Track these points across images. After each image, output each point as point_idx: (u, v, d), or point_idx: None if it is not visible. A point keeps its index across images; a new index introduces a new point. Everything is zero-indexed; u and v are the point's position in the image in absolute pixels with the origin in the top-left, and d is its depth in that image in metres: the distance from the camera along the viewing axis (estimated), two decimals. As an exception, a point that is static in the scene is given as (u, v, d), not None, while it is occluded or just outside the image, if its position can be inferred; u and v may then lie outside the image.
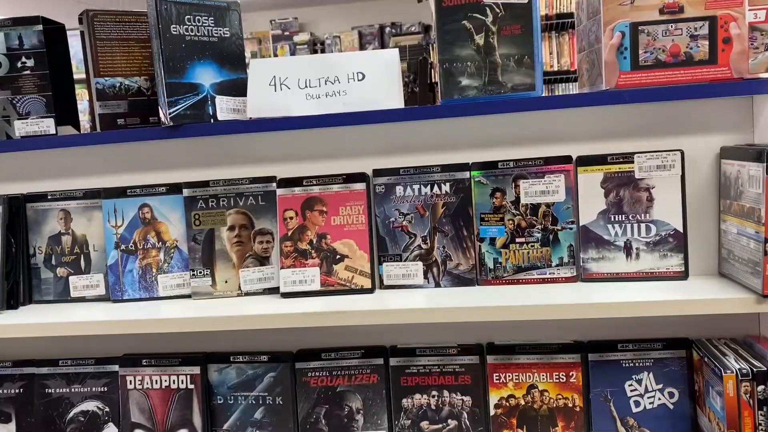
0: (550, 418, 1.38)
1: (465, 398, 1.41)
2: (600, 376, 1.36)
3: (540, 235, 1.37)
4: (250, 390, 1.46)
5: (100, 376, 1.50)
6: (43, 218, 1.52)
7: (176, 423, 1.47)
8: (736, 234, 1.24)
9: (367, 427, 1.44)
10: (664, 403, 1.35)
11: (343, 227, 1.41)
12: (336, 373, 1.45)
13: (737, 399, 1.13)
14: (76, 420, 1.49)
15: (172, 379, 1.47)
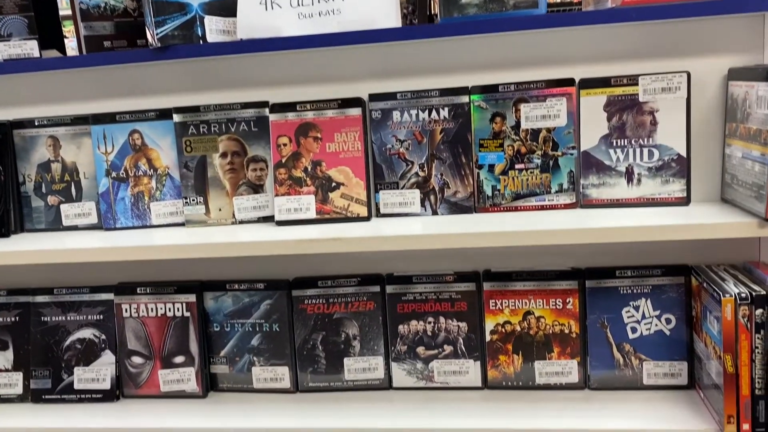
0: (545, 344, 1.38)
1: (461, 324, 1.41)
2: (597, 303, 1.36)
3: (540, 161, 1.34)
4: (247, 317, 1.46)
5: (95, 304, 1.50)
6: (32, 145, 1.49)
7: (173, 350, 1.47)
8: (741, 158, 1.21)
9: (363, 353, 1.44)
10: (660, 329, 1.35)
11: (339, 154, 1.37)
12: (332, 301, 1.45)
13: (735, 323, 1.12)
14: (73, 347, 1.50)
15: (168, 307, 1.47)
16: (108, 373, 1.48)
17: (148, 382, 1.48)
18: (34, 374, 1.50)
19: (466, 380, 1.42)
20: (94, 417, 1.42)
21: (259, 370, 1.47)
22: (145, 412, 1.42)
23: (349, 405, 1.40)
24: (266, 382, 1.47)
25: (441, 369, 1.42)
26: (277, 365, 1.46)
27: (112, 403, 1.48)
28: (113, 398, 1.48)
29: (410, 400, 1.40)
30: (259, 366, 1.47)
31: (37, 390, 1.50)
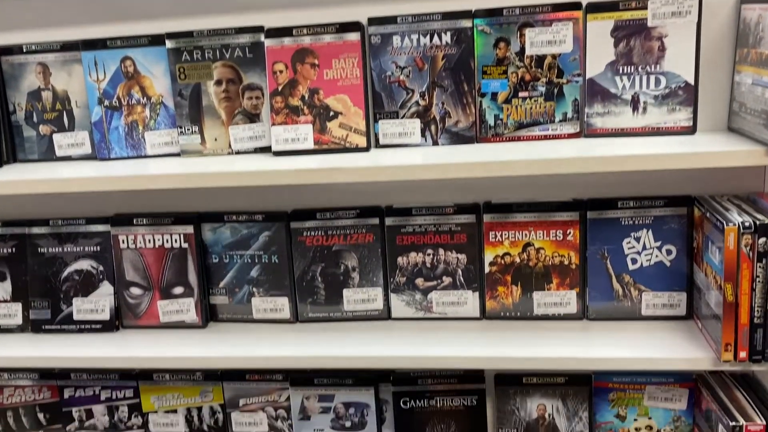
0: (545, 275, 1.38)
1: (460, 256, 1.41)
2: (598, 234, 1.35)
3: (544, 88, 1.30)
4: (245, 249, 1.45)
5: (92, 235, 1.48)
6: (20, 73, 1.44)
7: (171, 281, 1.47)
8: (751, 84, 1.18)
9: (362, 284, 1.44)
10: (661, 260, 1.34)
11: (337, 82, 1.34)
12: (331, 233, 1.43)
13: (737, 252, 1.12)
14: (71, 279, 1.49)
15: (165, 239, 1.46)
16: (107, 303, 1.48)
17: (148, 313, 1.49)
18: (32, 305, 1.50)
19: (464, 311, 1.42)
20: (94, 347, 1.42)
21: (258, 301, 1.47)
22: (145, 342, 1.43)
23: (349, 335, 1.40)
24: (266, 313, 1.47)
25: (440, 300, 1.42)
26: (277, 296, 1.46)
27: (112, 333, 1.49)
28: (113, 329, 1.49)
29: (409, 329, 1.41)
30: (258, 297, 1.47)
31: (37, 320, 1.50)
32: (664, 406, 1.41)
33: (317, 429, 1.53)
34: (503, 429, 1.45)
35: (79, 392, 1.60)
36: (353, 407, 1.51)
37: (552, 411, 1.43)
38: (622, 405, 1.42)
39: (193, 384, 1.56)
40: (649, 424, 1.42)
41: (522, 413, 1.44)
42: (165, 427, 1.59)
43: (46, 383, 1.61)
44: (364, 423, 1.52)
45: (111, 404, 1.59)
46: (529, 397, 1.43)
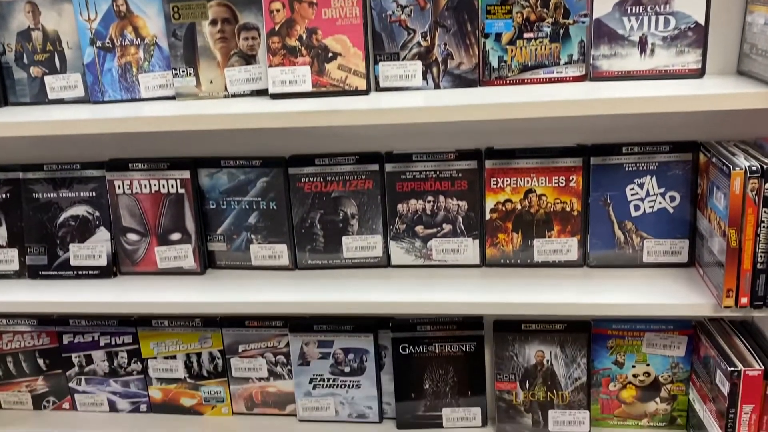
0: (546, 222, 1.37)
1: (461, 203, 1.39)
2: (601, 180, 1.33)
3: (549, 29, 1.26)
4: (243, 195, 1.43)
5: (87, 180, 1.46)
6: (8, 11, 1.39)
7: (169, 227, 1.45)
8: (763, 25, 1.14)
9: (362, 232, 1.43)
10: (664, 207, 1.33)
11: (335, 21, 1.29)
12: (330, 179, 1.41)
13: (742, 196, 1.10)
14: (67, 224, 1.47)
15: (162, 184, 1.44)
16: (104, 249, 1.47)
17: (145, 259, 1.48)
18: (29, 251, 1.49)
19: (464, 258, 1.41)
20: (92, 292, 1.42)
21: (257, 248, 1.46)
22: (143, 288, 1.42)
23: (348, 281, 1.39)
24: (264, 260, 1.46)
25: (439, 247, 1.41)
26: (275, 243, 1.45)
27: (109, 279, 1.48)
28: (110, 275, 1.48)
29: (408, 277, 1.40)
30: (257, 244, 1.45)
31: (34, 266, 1.49)
32: (662, 353, 1.41)
33: (316, 374, 1.54)
34: (501, 375, 1.46)
35: (78, 338, 1.60)
36: (352, 353, 1.52)
37: (550, 357, 1.43)
38: (621, 352, 1.43)
39: (192, 330, 1.56)
40: (647, 370, 1.43)
41: (520, 359, 1.45)
42: (164, 373, 1.60)
43: (45, 329, 1.61)
44: (363, 368, 1.52)
45: (110, 350, 1.60)
46: (528, 343, 1.44)
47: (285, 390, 1.58)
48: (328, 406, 1.55)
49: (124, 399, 1.63)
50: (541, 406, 1.46)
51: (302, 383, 1.55)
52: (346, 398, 1.55)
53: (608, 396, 1.46)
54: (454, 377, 1.50)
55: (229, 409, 1.61)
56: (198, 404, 1.61)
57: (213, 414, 1.61)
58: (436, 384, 1.50)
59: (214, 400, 1.60)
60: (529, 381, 1.45)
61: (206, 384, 1.59)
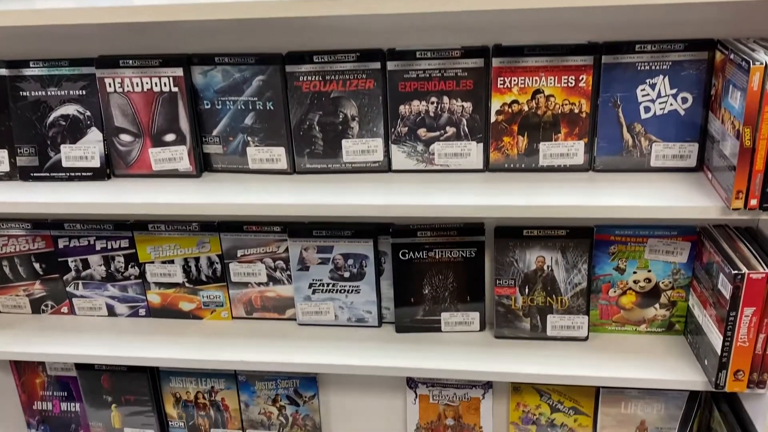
0: (553, 125, 1.32)
1: (465, 104, 1.34)
2: (612, 80, 1.28)
3: None
4: (239, 94, 1.38)
5: (76, 78, 1.40)
6: None
7: (162, 127, 1.41)
8: None
9: (362, 135, 1.39)
10: (675, 108, 1.28)
11: None
12: (329, 78, 1.36)
13: (760, 93, 1.05)
14: (57, 124, 1.42)
15: (154, 82, 1.38)
16: (96, 150, 1.43)
17: (139, 161, 1.44)
18: (19, 152, 1.44)
19: (467, 162, 1.38)
20: (86, 193, 1.38)
21: (254, 151, 1.41)
22: (138, 189, 1.39)
23: (348, 186, 1.36)
24: (262, 163, 1.42)
25: (442, 151, 1.37)
26: (273, 146, 1.41)
27: (103, 181, 1.44)
28: (104, 177, 1.44)
29: (409, 182, 1.37)
30: (253, 146, 1.41)
31: (25, 167, 1.45)
32: (664, 259, 1.40)
33: (316, 279, 1.53)
34: (501, 280, 1.45)
35: (74, 242, 1.58)
36: (352, 258, 1.51)
37: (551, 263, 1.43)
38: (623, 258, 1.42)
39: (189, 235, 1.54)
40: (648, 276, 1.42)
41: (521, 265, 1.44)
42: (163, 277, 1.59)
43: (40, 233, 1.59)
44: (362, 274, 1.52)
45: (107, 254, 1.58)
46: (529, 249, 1.42)
47: (284, 295, 1.58)
48: (327, 311, 1.56)
49: (123, 304, 1.63)
50: (540, 311, 1.46)
51: (301, 288, 1.54)
52: (345, 303, 1.55)
53: (607, 302, 1.46)
54: (454, 283, 1.49)
55: (228, 313, 1.61)
56: (197, 309, 1.61)
57: (212, 318, 1.62)
58: (435, 289, 1.50)
59: (214, 304, 1.60)
60: (529, 286, 1.45)
61: (205, 288, 1.59)
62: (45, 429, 1.82)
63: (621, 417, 1.55)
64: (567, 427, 1.59)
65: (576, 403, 1.57)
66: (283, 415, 1.69)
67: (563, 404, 1.57)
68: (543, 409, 1.58)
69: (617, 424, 1.56)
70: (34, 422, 1.82)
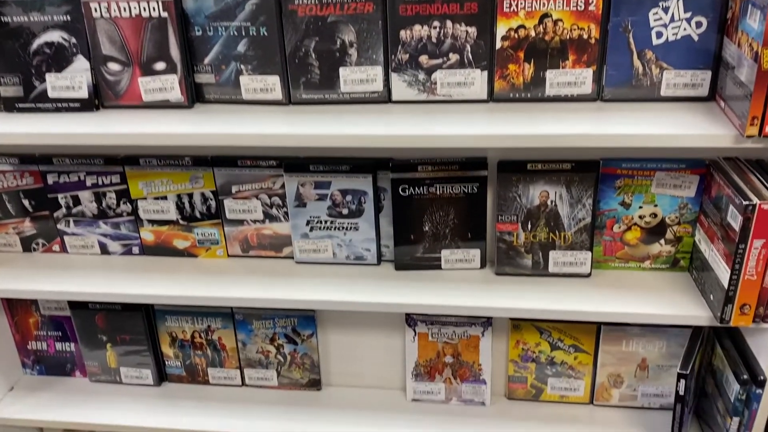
0: (561, 51, 1.27)
1: (470, 29, 1.28)
2: (623, 3, 1.21)
3: None
4: (231, 20, 1.31)
5: (59, 2, 1.32)
6: None
7: (152, 56, 1.34)
8: None
9: (360, 62, 1.33)
10: (688, 34, 1.22)
11: None
12: (326, 1, 1.29)
13: (782, 11, 1.00)
14: (42, 52, 1.36)
15: (142, 6, 1.31)
16: (83, 80, 1.36)
17: (129, 92, 1.38)
18: (2, 81, 1.38)
19: (470, 92, 1.32)
20: (74, 124, 1.33)
21: (247, 80, 1.36)
22: (127, 120, 1.33)
23: (346, 117, 1.31)
24: (256, 93, 1.37)
25: (444, 80, 1.32)
26: (267, 74, 1.35)
27: (92, 113, 1.38)
28: (92, 108, 1.38)
29: (410, 112, 1.31)
30: (247, 75, 1.35)
31: (9, 98, 1.39)
32: (671, 193, 1.37)
33: (313, 216, 1.50)
34: (503, 216, 1.42)
35: (64, 178, 1.53)
36: (350, 194, 1.47)
37: (555, 198, 1.39)
38: (629, 192, 1.38)
39: (182, 170, 1.50)
40: (654, 211, 1.39)
41: (524, 200, 1.40)
42: (155, 214, 1.55)
43: (28, 168, 1.54)
44: (361, 211, 1.48)
45: (98, 190, 1.54)
46: (533, 183, 1.38)
47: (281, 232, 1.54)
48: (325, 249, 1.52)
49: (116, 241, 1.60)
50: (542, 247, 1.43)
51: (299, 225, 1.51)
52: (343, 241, 1.51)
53: (611, 238, 1.43)
54: (455, 219, 1.46)
55: (224, 251, 1.58)
56: (192, 246, 1.58)
57: (207, 256, 1.59)
58: (435, 226, 1.47)
59: (209, 242, 1.57)
60: (532, 222, 1.42)
61: (200, 226, 1.55)
62: (40, 369, 1.81)
63: (621, 355, 1.54)
64: (567, 364, 1.58)
65: (576, 340, 1.55)
66: (281, 354, 1.68)
67: (563, 342, 1.56)
68: (543, 346, 1.57)
69: (617, 362, 1.55)
70: (29, 362, 1.80)
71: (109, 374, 1.75)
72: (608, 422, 1.57)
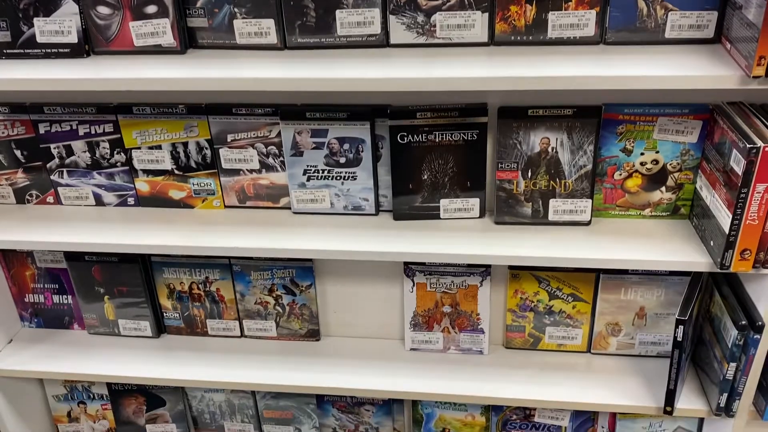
0: (563, -9, 1.24)
1: (470, -31, 1.24)
2: (629, -60, 1.18)
3: None
4: (223, -41, 1.27)
5: (45, -58, 1.29)
6: None
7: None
8: None
9: (357, 4, 1.28)
10: (696, -28, 1.19)
11: None
12: (322, -60, 1.25)
13: (794, -57, 0.97)
14: (28, -6, 1.32)
15: (131, -55, 1.27)
16: (73, 24, 1.32)
17: (119, 37, 1.34)
18: (-11, 26, 1.35)
19: (471, 35, 1.29)
20: (64, 70, 1.29)
21: (241, 23, 1.32)
22: (119, 66, 1.30)
23: (342, 60, 1.27)
24: (250, 37, 1.33)
25: (444, 22, 1.28)
26: (262, 18, 1.31)
27: (82, 59, 1.35)
28: (82, 54, 1.35)
29: (409, 56, 1.28)
30: (241, 19, 1.31)
31: (-4, 43, 1.36)
32: (674, 138, 1.35)
33: (310, 166, 1.48)
34: (503, 164, 1.40)
35: (56, 127, 1.51)
36: (348, 143, 1.44)
37: (556, 144, 1.37)
38: (630, 138, 1.36)
39: (176, 118, 1.47)
40: (656, 158, 1.37)
41: (524, 147, 1.38)
42: (150, 164, 1.53)
43: (19, 117, 1.51)
44: (359, 160, 1.46)
45: (91, 140, 1.51)
46: (534, 130, 1.36)
47: (278, 182, 1.52)
48: (323, 199, 1.51)
49: (110, 192, 1.58)
50: (542, 195, 1.42)
51: (295, 175, 1.49)
52: (341, 190, 1.49)
53: (612, 185, 1.42)
54: (454, 168, 1.44)
55: (220, 202, 1.56)
56: (188, 197, 1.56)
57: (204, 207, 1.57)
58: (434, 175, 1.45)
59: (205, 192, 1.55)
60: (532, 170, 1.40)
61: (195, 176, 1.53)
62: (38, 322, 1.81)
63: (620, 303, 1.54)
64: (565, 313, 1.58)
65: (575, 289, 1.55)
66: (279, 305, 1.68)
67: (562, 291, 1.55)
68: (541, 296, 1.57)
69: (616, 311, 1.55)
70: (27, 315, 1.80)
71: (108, 326, 1.75)
72: (605, 370, 1.58)
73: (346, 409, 1.76)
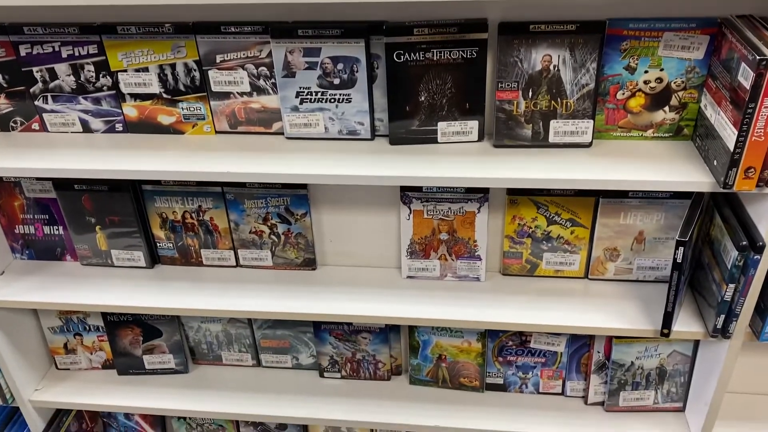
0: None
1: None
2: None
3: None
4: None
5: None
6: None
7: None
8: None
9: None
10: None
11: None
12: None
13: None
14: None
15: None
16: (49, -66, 1.25)
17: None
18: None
19: (470, -55, 1.23)
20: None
21: (228, -67, 1.25)
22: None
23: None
24: (238, -51, 1.27)
25: (442, -69, 1.22)
26: (250, -73, 1.24)
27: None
28: (61, -34, 1.28)
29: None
30: (228, -72, 1.25)
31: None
32: (679, 55, 1.30)
33: (303, 87, 1.43)
34: (503, 83, 1.36)
35: (37, 49, 1.44)
36: (342, 62, 1.39)
37: (558, 62, 1.32)
38: (634, 55, 1.31)
39: (163, 38, 1.41)
40: (660, 76, 1.33)
41: (525, 65, 1.33)
42: (138, 88, 1.47)
43: (-3, 38, 1.45)
44: (353, 80, 1.41)
45: (75, 62, 1.45)
46: (535, 47, 1.31)
47: (270, 106, 1.48)
48: (316, 123, 1.47)
49: (98, 118, 1.53)
50: (543, 116, 1.38)
51: (288, 97, 1.44)
52: (335, 114, 1.45)
53: (615, 105, 1.38)
54: (452, 88, 1.39)
55: (211, 127, 1.52)
56: (177, 122, 1.52)
57: (194, 133, 1.52)
58: (432, 96, 1.40)
59: (194, 117, 1.50)
60: (533, 89, 1.36)
61: (184, 100, 1.48)
62: (30, 254, 1.78)
63: (619, 228, 1.53)
64: (563, 239, 1.57)
65: (574, 214, 1.53)
66: (275, 234, 1.65)
67: (560, 216, 1.54)
68: (539, 221, 1.55)
69: (615, 235, 1.54)
70: (18, 246, 1.78)
71: (100, 257, 1.73)
72: (603, 294, 1.58)
73: (343, 337, 1.76)
